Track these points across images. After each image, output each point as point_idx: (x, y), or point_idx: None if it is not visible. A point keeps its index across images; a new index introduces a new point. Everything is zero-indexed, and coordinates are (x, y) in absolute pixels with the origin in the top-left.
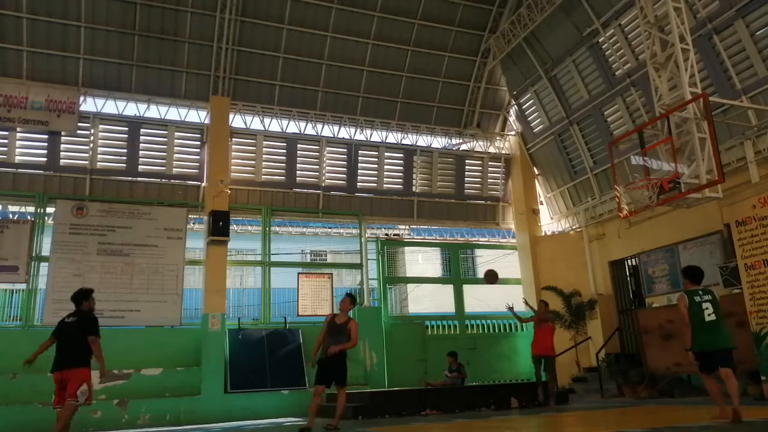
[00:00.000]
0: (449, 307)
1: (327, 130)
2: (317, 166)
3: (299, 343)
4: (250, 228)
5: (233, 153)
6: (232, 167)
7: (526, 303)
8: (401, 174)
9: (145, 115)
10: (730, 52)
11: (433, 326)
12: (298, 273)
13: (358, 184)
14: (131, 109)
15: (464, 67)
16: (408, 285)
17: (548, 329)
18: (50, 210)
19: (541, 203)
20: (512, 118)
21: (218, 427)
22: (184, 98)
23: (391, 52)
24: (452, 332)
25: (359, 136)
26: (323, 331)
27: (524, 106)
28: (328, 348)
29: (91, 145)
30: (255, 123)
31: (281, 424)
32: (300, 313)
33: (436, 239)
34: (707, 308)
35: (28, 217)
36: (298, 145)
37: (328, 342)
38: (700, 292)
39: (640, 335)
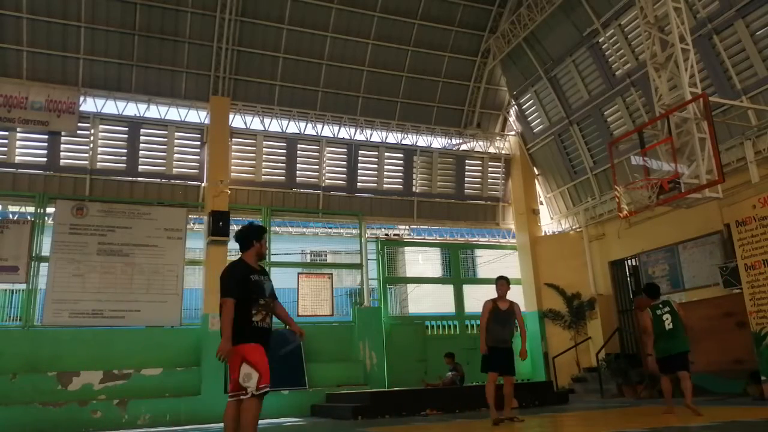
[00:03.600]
0: (449, 307)
1: (327, 130)
2: (317, 166)
3: (299, 343)
4: None
5: (233, 153)
6: (232, 167)
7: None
8: (401, 174)
9: (145, 115)
10: (730, 52)
11: (433, 326)
12: (298, 273)
13: (358, 184)
14: (131, 109)
15: (464, 67)
16: (408, 285)
17: None
18: (50, 210)
19: (541, 203)
20: (512, 118)
21: (218, 427)
22: (184, 98)
23: (391, 52)
24: (452, 332)
25: (359, 136)
26: (487, 318)
27: (524, 106)
28: (500, 338)
29: (91, 145)
30: (255, 123)
31: (281, 424)
32: (300, 313)
33: (436, 239)
34: (666, 319)
35: (28, 217)
36: (298, 145)
37: (496, 330)
38: (660, 305)
39: (640, 335)
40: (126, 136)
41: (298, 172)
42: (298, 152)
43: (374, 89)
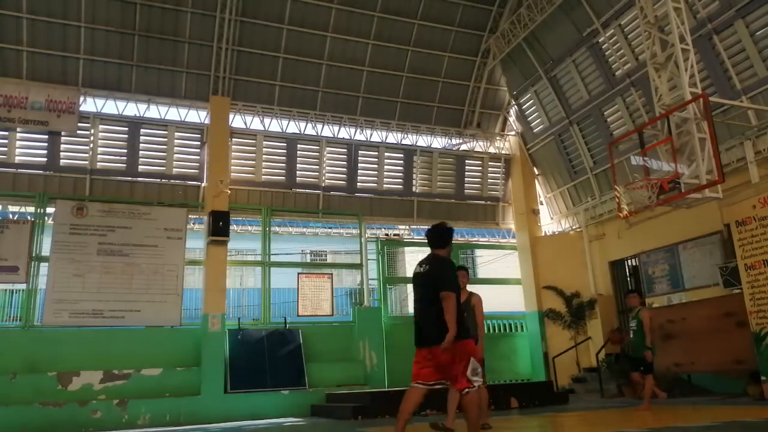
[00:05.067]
0: None
1: (327, 130)
2: (317, 166)
3: (299, 343)
4: (250, 228)
5: (233, 153)
6: (232, 167)
7: None
8: (401, 174)
9: (145, 115)
10: (730, 52)
11: None
12: (298, 273)
13: (358, 184)
14: (131, 109)
15: (464, 67)
16: (408, 285)
17: None
18: (50, 210)
19: (541, 203)
20: (512, 118)
21: (218, 427)
22: (184, 98)
23: (391, 52)
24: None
25: (359, 136)
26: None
27: (524, 106)
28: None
29: (91, 145)
30: (255, 123)
31: (281, 424)
32: (300, 313)
33: None
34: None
35: (28, 217)
36: (298, 145)
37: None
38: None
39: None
40: (126, 136)
41: (298, 172)
42: (298, 152)
43: (374, 89)
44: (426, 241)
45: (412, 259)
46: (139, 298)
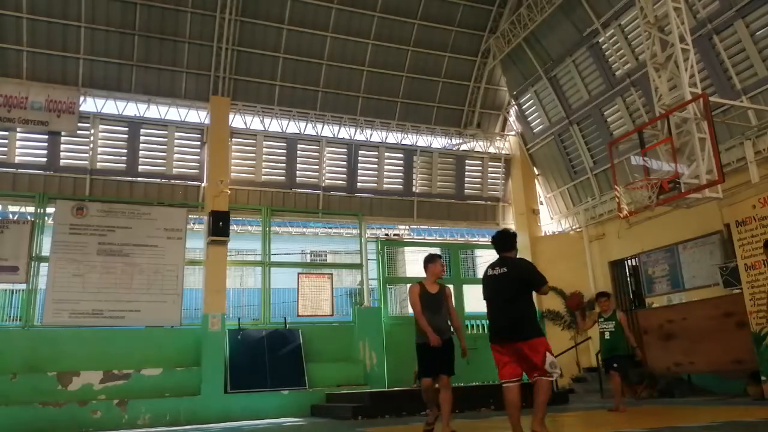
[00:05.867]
0: None
1: (327, 130)
2: (317, 166)
3: (299, 343)
4: (250, 228)
5: (233, 153)
6: (232, 167)
7: None
8: (401, 174)
9: (145, 115)
10: (730, 52)
11: None
12: (298, 273)
13: (358, 184)
14: (131, 109)
15: (464, 67)
16: (408, 285)
17: None
18: (50, 210)
19: (541, 203)
20: (512, 118)
21: (218, 427)
22: (184, 98)
23: (391, 52)
24: (452, 332)
25: (359, 136)
26: (420, 305)
27: (524, 107)
28: (433, 328)
29: (91, 145)
30: (255, 123)
31: (281, 424)
32: (300, 313)
33: (436, 239)
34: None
35: (28, 218)
36: (298, 145)
37: (426, 319)
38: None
39: (640, 335)
40: (126, 136)
41: (298, 172)
42: (298, 152)
43: (374, 89)
44: (424, 241)
45: (412, 259)
46: (139, 298)
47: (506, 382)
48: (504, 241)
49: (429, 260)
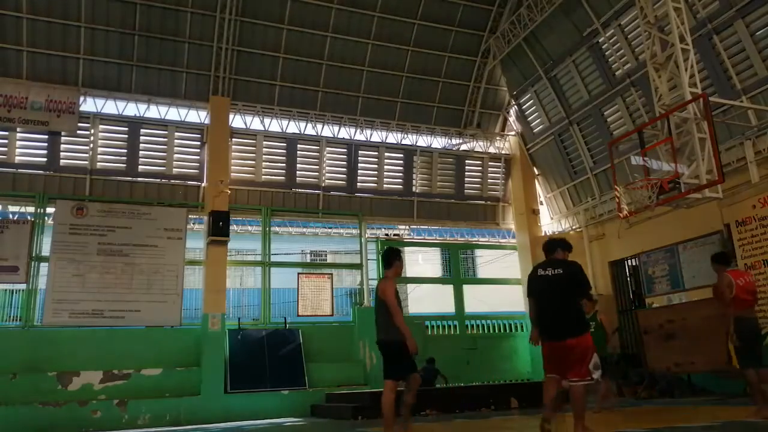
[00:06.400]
0: (449, 307)
1: (327, 130)
2: (317, 166)
3: (299, 343)
4: (250, 228)
5: (233, 153)
6: (232, 167)
7: None
8: (401, 174)
9: (145, 115)
10: (730, 52)
11: (433, 326)
12: (298, 273)
13: (358, 184)
14: (131, 109)
15: (464, 67)
16: (408, 285)
17: None
18: (50, 210)
19: (541, 203)
20: (512, 118)
21: (218, 427)
22: (184, 98)
23: (391, 52)
24: (452, 332)
25: (359, 136)
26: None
27: (524, 106)
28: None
29: (91, 145)
30: (255, 123)
31: (281, 424)
32: (300, 313)
33: (435, 239)
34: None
35: (28, 217)
36: (298, 145)
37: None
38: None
39: (640, 335)
40: (126, 136)
41: (298, 172)
42: (298, 152)
43: (374, 89)
44: (424, 241)
45: (412, 259)
46: (139, 298)
47: (550, 376)
48: (558, 245)
49: (399, 256)
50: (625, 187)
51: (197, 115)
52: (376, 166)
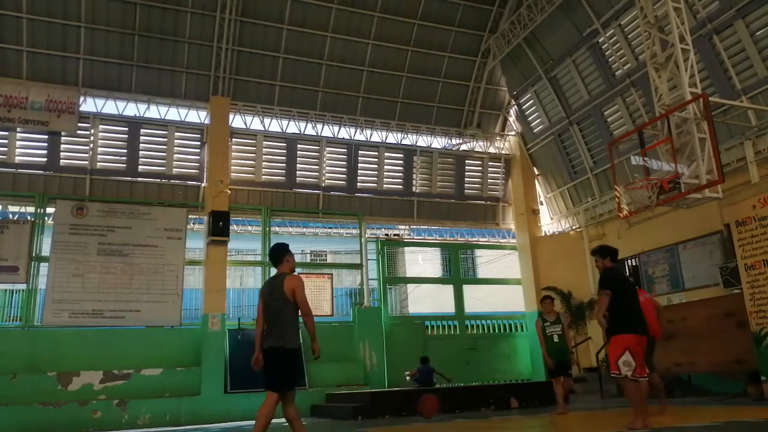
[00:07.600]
0: (449, 308)
1: (327, 130)
2: (317, 167)
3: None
4: (250, 228)
5: (233, 153)
6: (232, 167)
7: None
8: (401, 174)
9: (145, 115)
10: (730, 52)
11: (433, 326)
12: (298, 273)
13: (358, 184)
14: (131, 109)
15: (464, 67)
16: (408, 285)
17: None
18: (50, 210)
19: (541, 203)
20: (512, 119)
21: (218, 427)
22: (184, 98)
23: (391, 52)
24: (452, 332)
25: (359, 136)
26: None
27: (524, 107)
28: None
29: (91, 145)
30: (255, 123)
31: (281, 424)
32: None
33: (436, 239)
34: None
35: (28, 218)
36: (298, 145)
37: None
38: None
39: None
40: (126, 136)
41: (298, 172)
42: (298, 152)
43: (374, 89)
44: (424, 241)
45: (412, 259)
46: (139, 298)
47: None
48: (605, 251)
49: (289, 250)
50: (625, 187)
51: (197, 115)
52: (376, 166)
